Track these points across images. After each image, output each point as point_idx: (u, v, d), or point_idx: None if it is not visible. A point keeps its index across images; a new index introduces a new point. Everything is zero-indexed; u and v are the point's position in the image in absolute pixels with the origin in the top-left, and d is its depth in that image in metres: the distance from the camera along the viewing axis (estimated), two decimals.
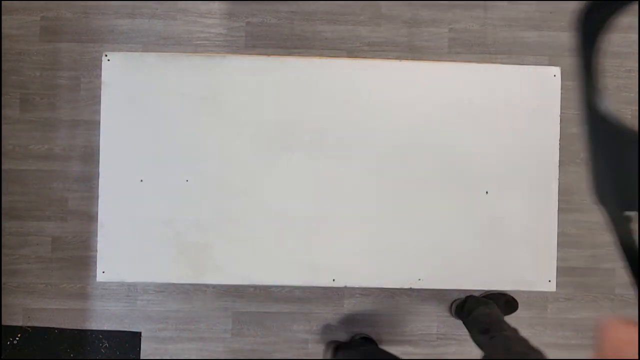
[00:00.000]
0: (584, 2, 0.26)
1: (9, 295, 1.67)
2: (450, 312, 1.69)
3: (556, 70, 1.09)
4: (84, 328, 1.68)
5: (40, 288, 1.68)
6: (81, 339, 1.67)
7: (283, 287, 1.67)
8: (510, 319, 1.72)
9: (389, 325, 1.09)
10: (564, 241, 1.74)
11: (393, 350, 0.84)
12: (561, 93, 1.08)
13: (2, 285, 1.66)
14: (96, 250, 1.04)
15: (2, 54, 1.69)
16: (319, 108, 1.08)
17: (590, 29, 0.27)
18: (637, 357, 0.38)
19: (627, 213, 0.28)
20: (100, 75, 1.06)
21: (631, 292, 1.75)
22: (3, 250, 1.67)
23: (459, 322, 1.73)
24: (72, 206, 1.69)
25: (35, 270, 1.68)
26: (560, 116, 1.08)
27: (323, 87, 1.08)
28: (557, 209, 1.07)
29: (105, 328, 1.68)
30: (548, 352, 1.03)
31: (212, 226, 1.05)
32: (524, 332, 1.12)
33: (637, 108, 1.77)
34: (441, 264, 1.07)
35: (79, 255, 1.68)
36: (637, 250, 0.29)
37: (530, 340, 1.06)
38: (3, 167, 1.68)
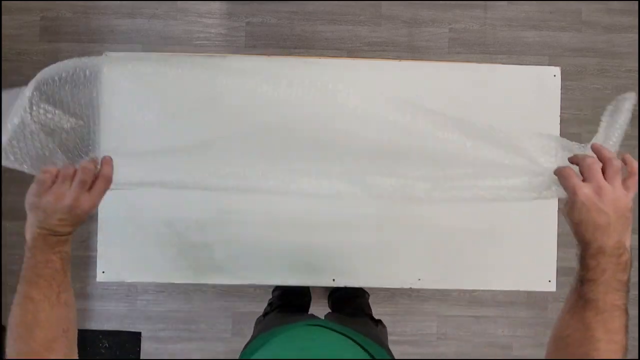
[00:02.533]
0: None
1: (10, 295, 1.67)
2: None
3: (556, 70, 1.09)
4: (84, 328, 1.68)
5: None
6: (81, 339, 1.66)
7: None
8: (511, 320, 1.72)
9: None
10: (564, 241, 1.73)
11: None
12: (561, 93, 1.08)
13: (3, 285, 1.66)
14: (96, 250, 1.04)
15: (2, 54, 1.69)
16: (319, 108, 1.08)
17: None
18: None
19: None
20: None
21: (631, 292, 1.75)
22: (3, 250, 1.67)
23: (459, 322, 1.73)
24: None
25: None
26: (560, 116, 1.08)
27: (323, 87, 1.08)
28: (557, 209, 1.07)
29: (105, 328, 1.68)
30: None
31: (212, 226, 1.05)
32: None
33: (637, 108, 1.77)
34: (441, 264, 1.07)
35: (79, 255, 1.68)
36: None
37: None
38: (3, 167, 1.68)
